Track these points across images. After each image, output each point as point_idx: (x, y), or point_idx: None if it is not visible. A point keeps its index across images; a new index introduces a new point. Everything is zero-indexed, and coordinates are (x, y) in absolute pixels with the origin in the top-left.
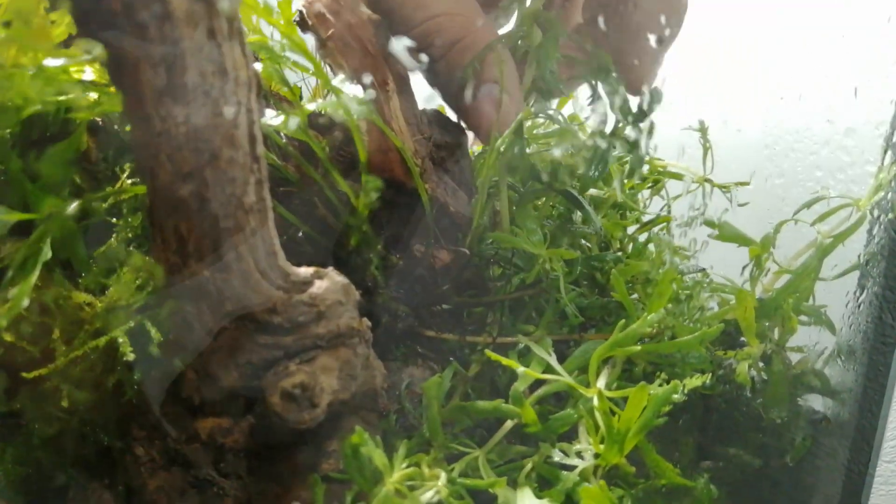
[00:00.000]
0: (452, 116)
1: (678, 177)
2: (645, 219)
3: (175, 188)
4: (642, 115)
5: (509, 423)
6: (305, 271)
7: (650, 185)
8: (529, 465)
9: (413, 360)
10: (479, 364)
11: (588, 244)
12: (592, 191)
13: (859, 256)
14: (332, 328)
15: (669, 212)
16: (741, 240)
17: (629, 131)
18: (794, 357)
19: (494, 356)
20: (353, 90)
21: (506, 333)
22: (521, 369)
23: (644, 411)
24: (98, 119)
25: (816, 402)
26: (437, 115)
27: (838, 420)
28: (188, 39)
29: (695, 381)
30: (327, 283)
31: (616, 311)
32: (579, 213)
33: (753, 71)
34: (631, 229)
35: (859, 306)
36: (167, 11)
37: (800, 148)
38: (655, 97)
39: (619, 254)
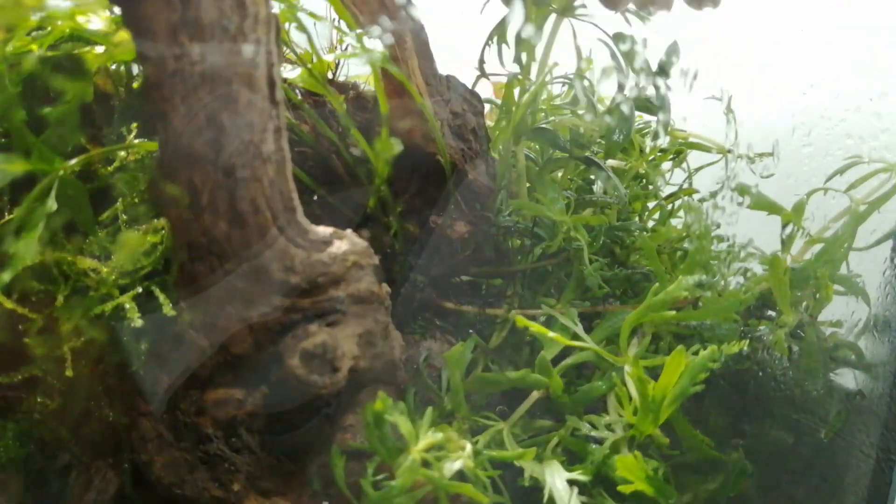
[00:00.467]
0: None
1: (702, 147)
2: (667, 191)
3: (189, 135)
4: (662, 71)
5: (535, 395)
6: (325, 230)
7: (672, 156)
8: (556, 439)
9: (431, 333)
10: (499, 337)
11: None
12: (613, 161)
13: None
14: (353, 292)
15: (691, 184)
16: (773, 208)
17: (650, 90)
18: (827, 331)
19: (523, 320)
20: (371, 43)
21: (526, 305)
22: (549, 334)
23: (680, 379)
24: (102, 83)
25: (848, 377)
26: (456, 82)
27: (872, 394)
28: None
29: (732, 348)
30: (347, 244)
31: (639, 283)
32: (599, 184)
33: (778, 33)
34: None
35: (884, 276)
36: None
37: (829, 115)
38: (673, 51)
39: (644, 225)
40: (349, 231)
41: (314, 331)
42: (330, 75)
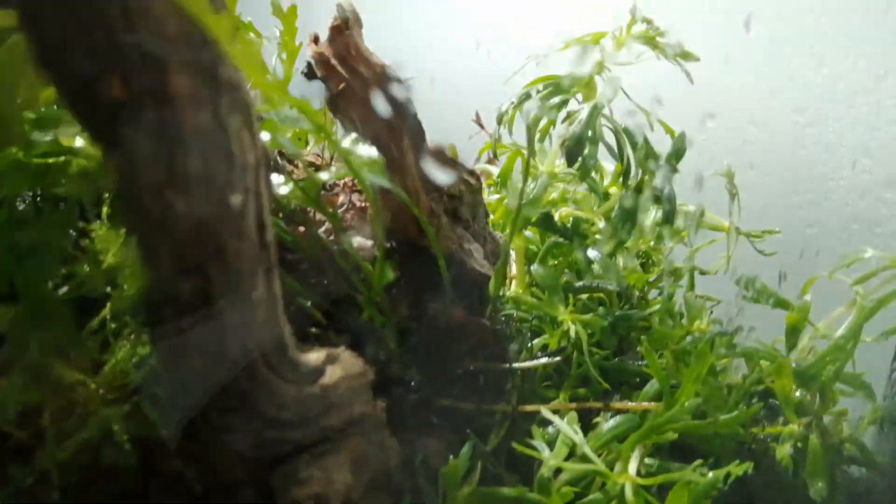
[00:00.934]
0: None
1: (706, 226)
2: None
3: (176, 283)
4: (672, 168)
5: None
6: (317, 358)
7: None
8: None
9: (428, 431)
10: (498, 435)
11: (608, 298)
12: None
13: None
14: (345, 417)
15: (693, 261)
16: (777, 301)
17: (658, 182)
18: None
19: (521, 448)
20: (365, 151)
21: (526, 400)
22: (546, 453)
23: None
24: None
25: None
26: (454, 161)
27: (877, 489)
28: (191, 123)
29: (738, 469)
30: (340, 370)
31: (640, 373)
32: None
33: (781, 102)
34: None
35: (891, 374)
36: (167, 94)
37: (834, 198)
38: (681, 144)
39: (645, 313)
40: (342, 350)
41: (304, 477)
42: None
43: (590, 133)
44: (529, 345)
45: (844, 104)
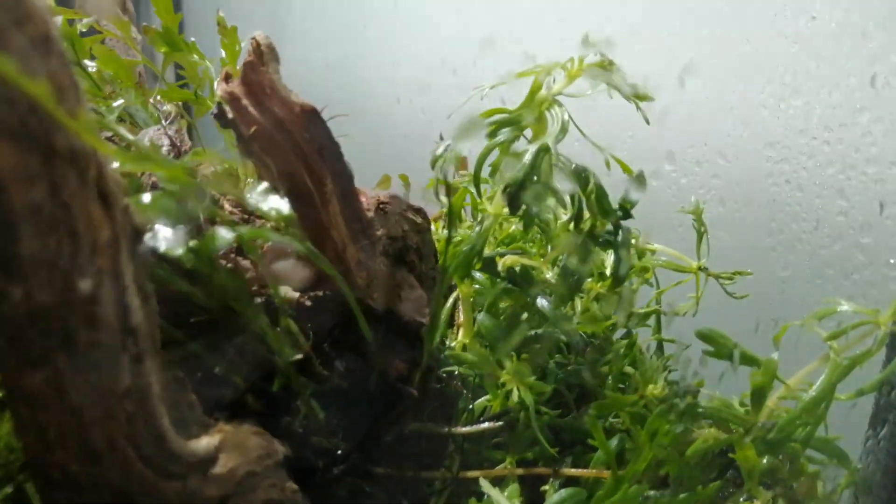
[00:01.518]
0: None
1: (671, 266)
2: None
3: (24, 376)
4: (626, 213)
5: None
6: (207, 445)
7: (638, 272)
8: None
9: (361, 501)
10: None
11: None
12: None
13: (880, 384)
14: None
15: (659, 303)
16: (742, 358)
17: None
18: None
19: None
20: (275, 203)
21: (470, 464)
22: None
23: None
24: None
25: None
26: (396, 204)
27: None
28: (20, 201)
29: None
30: (236, 456)
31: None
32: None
33: (752, 134)
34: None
35: (879, 442)
36: None
37: (808, 240)
38: (640, 183)
39: (602, 367)
40: (244, 429)
41: None
42: None
43: (535, 177)
44: (471, 406)
45: (819, 139)
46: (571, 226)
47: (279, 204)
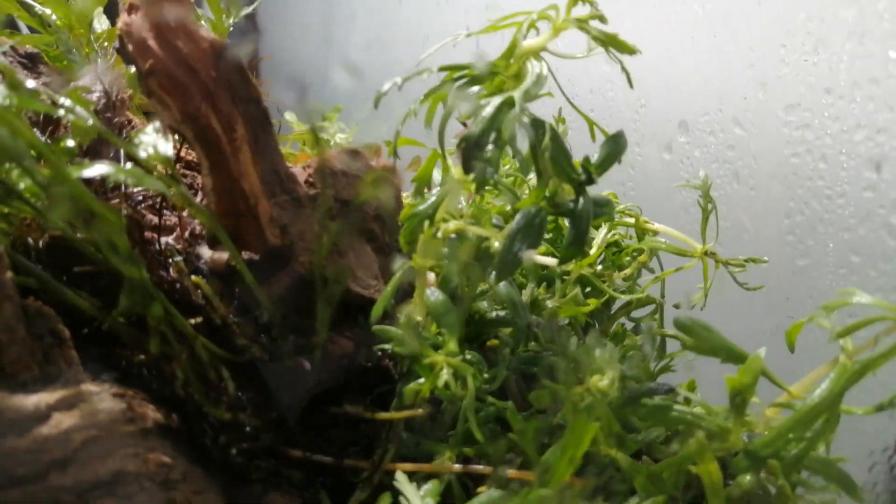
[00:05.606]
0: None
1: (673, 250)
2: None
3: None
4: (590, 178)
5: None
6: (37, 401)
7: (632, 254)
8: None
9: (275, 484)
10: (360, 497)
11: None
12: (548, 260)
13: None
14: (87, 477)
15: (663, 294)
16: (727, 354)
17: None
18: None
19: None
20: (153, 141)
21: (406, 453)
22: None
23: None
24: None
25: None
26: (352, 161)
27: None
28: None
29: None
30: (76, 416)
31: (550, 429)
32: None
33: (770, 96)
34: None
35: (892, 469)
36: None
37: (831, 219)
38: (617, 147)
39: (553, 357)
40: (100, 389)
41: None
42: None
43: (494, 134)
44: (400, 390)
45: (847, 99)
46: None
47: (158, 144)
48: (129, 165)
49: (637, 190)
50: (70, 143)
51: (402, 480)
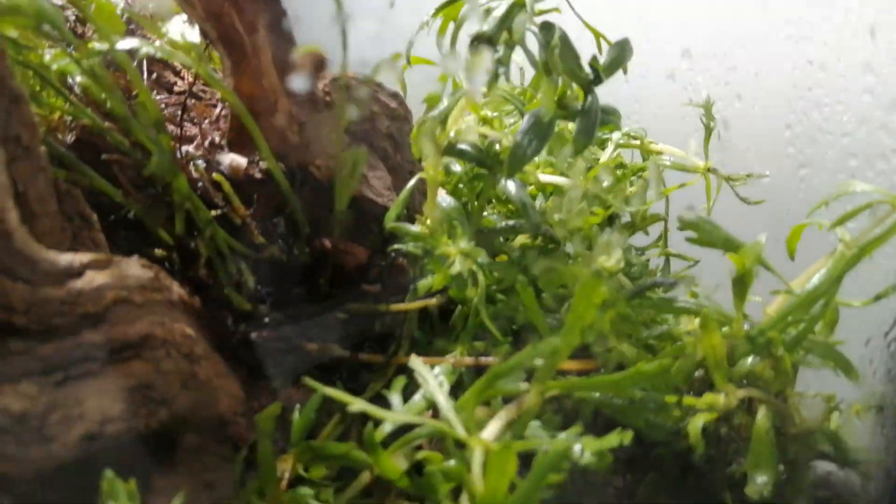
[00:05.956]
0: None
1: (678, 167)
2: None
3: None
4: (598, 77)
5: (366, 476)
6: (71, 259)
7: (637, 173)
8: None
9: (292, 381)
10: (373, 391)
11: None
12: (557, 179)
13: None
14: (117, 335)
15: (667, 211)
16: (728, 245)
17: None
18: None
19: (349, 400)
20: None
21: (420, 350)
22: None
23: (529, 477)
24: None
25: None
26: (367, 81)
27: (859, 498)
28: None
29: (610, 440)
30: (109, 275)
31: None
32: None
33: (773, 12)
34: None
35: (889, 345)
36: None
37: (830, 128)
38: (623, 52)
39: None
40: (128, 259)
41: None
42: None
43: (505, 34)
44: (413, 286)
45: (842, 7)
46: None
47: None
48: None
49: (643, 123)
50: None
51: (416, 362)
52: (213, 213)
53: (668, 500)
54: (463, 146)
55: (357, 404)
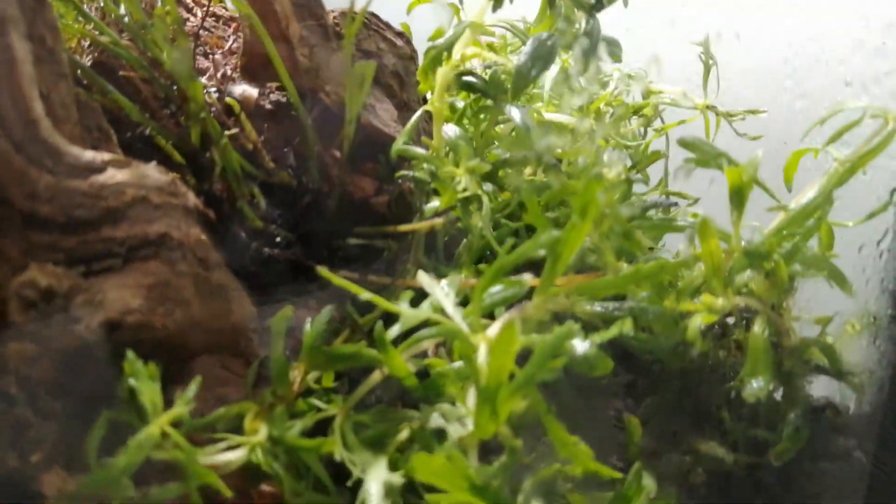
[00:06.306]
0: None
1: (675, 104)
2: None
3: None
4: (599, 3)
5: (376, 375)
6: (94, 155)
7: (635, 113)
8: (406, 432)
9: (304, 301)
10: (380, 310)
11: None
12: (558, 116)
13: (892, 193)
14: (136, 233)
15: (668, 150)
16: (726, 161)
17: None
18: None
19: (379, 300)
20: None
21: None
22: (398, 306)
23: (529, 363)
24: None
25: (829, 390)
26: (373, 17)
27: (856, 411)
28: None
29: (610, 332)
30: (128, 175)
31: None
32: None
33: None
34: None
35: (881, 254)
36: None
37: (826, 58)
38: None
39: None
40: (145, 163)
41: (33, 268)
42: None
43: None
44: (420, 209)
45: None
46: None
47: None
48: None
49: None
50: None
51: (422, 277)
52: (227, 133)
53: (667, 420)
54: (468, 77)
55: (366, 294)
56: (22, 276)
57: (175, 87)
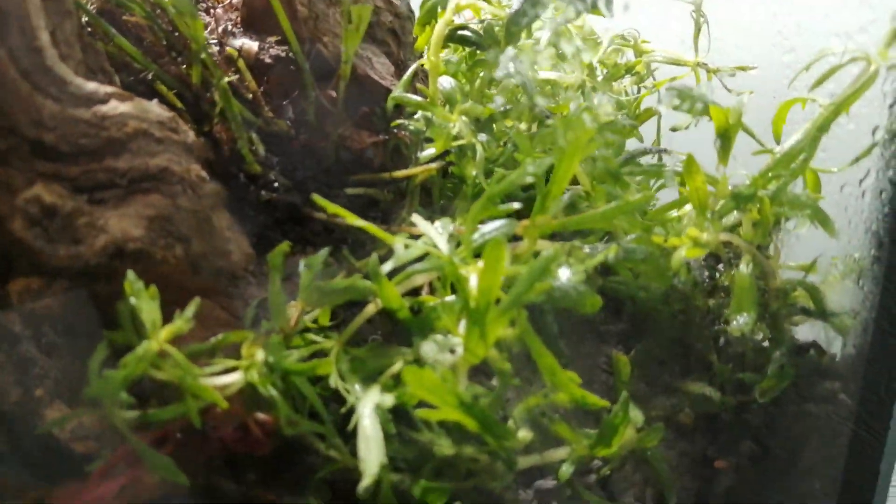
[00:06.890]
0: None
1: (668, 62)
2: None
3: None
4: None
5: (370, 308)
6: (97, 86)
7: (627, 71)
8: (399, 363)
9: (300, 248)
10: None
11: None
12: (552, 74)
13: (873, 132)
14: (138, 165)
15: (659, 104)
16: (714, 111)
17: None
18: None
19: (373, 228)
20: None
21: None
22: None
23: (515, 285)
24: None
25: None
26: None
27: (841, 355)
28: None
29: (597, 258)
30: (131, 106)
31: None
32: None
33: None
34: None
35: (863, 193)
36: None
37: (814, 10)
38: None
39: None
40: (149, 101)
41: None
42: None
43: None
44: (415, 156)
45: None
46: None
47: None
48: None
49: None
50: None
51: (417, 218)
52: (227, 79)
53: (657, 366)
54: (463, 32)
55: (359, 221)
56: (27, 191)
57: (177, 34)
